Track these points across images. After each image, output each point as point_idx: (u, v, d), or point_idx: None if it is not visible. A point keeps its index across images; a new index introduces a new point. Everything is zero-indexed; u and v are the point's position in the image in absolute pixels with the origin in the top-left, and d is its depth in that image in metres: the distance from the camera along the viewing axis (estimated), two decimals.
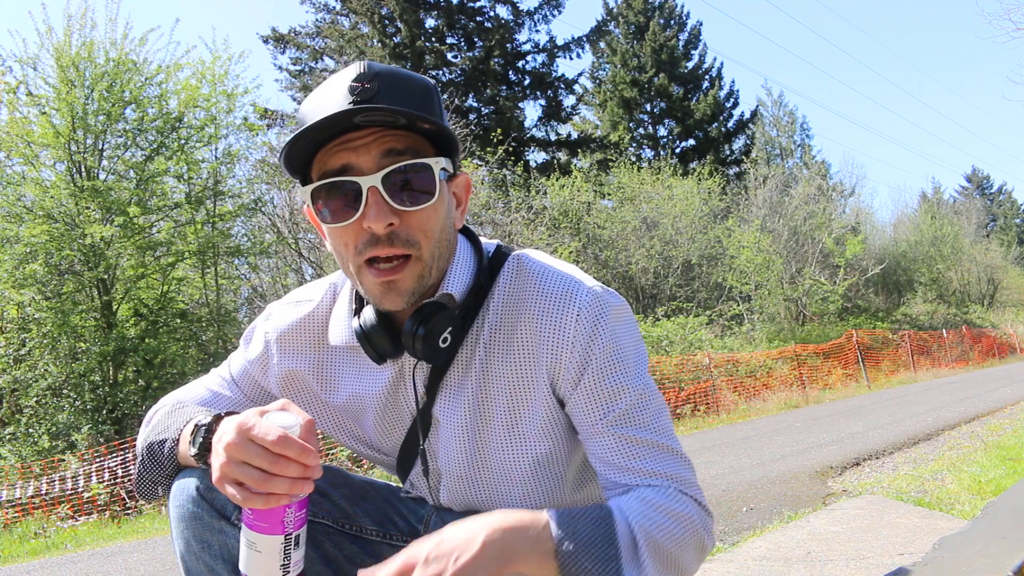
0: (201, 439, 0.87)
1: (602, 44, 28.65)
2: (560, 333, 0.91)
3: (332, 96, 0.86)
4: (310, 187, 0.88)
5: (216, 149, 11.60)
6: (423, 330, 0.89)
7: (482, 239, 1.03)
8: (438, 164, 0.88)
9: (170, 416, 1.00)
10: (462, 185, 0.98)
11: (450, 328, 0.91)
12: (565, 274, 0.95)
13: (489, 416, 0.97)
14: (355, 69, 0.87)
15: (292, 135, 0.84)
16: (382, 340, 0.94)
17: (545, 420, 0.96)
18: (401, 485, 1.14)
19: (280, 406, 0.82)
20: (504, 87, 22.29)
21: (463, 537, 0.76)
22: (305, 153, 0.88)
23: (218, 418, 0.87)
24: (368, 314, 0.95)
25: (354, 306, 1.01)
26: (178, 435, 0.94)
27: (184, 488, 0.93)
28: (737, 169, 27.36)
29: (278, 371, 1.08)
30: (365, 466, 7.26)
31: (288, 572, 0.81)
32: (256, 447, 0.76)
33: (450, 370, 0.97)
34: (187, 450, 0.90)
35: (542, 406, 0.95)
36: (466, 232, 1.03)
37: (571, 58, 26.01)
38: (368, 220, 0.84)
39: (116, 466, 7.72)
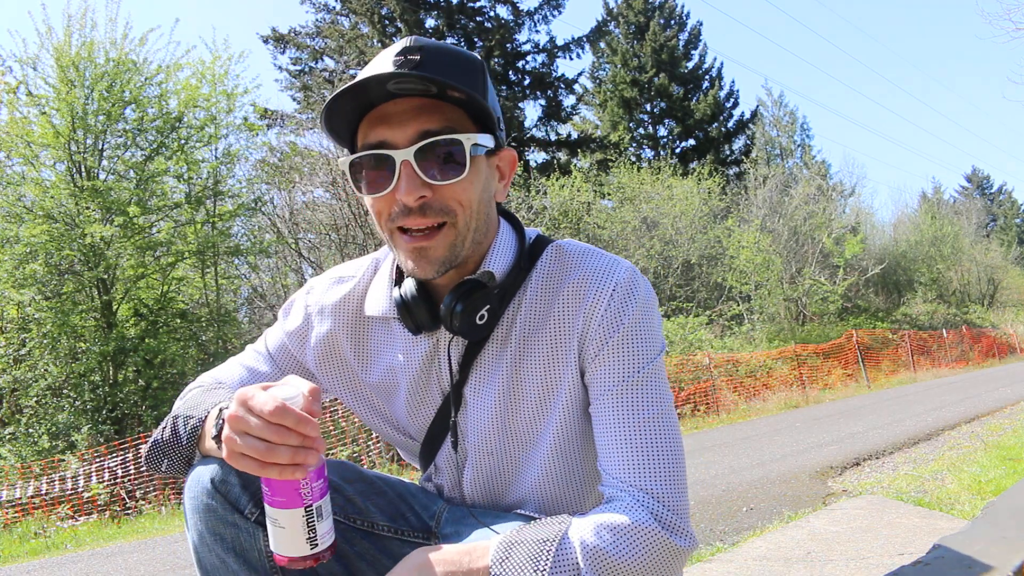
0: (221, 424, 0.87)
1: (602, 44, 28.67)
2: (596, 302, 0.94)
3: (379, 65, 0.89)
4: (348, 158, 0.92)
5: (216, 149, 11.61)
6: (461, 306, 0.92)
7: (526, 227, 1.06)
8: (470, 140, 0.89)
9: (205, 394, 0.99)
10: (507, 160, 1.00)
11: (488, 306, 0.94)
12: (604, 253, 0.99)
13: (521, 393, 0.99)
14: (404, 42, 0.90)
15: (331, 96, 0.86)
16: (421, 311, 0.96)
17: (569, 395, 0.97)
18: (416, 477, 1.14)
19: (284, 380, 0.83)
20: (504, 87, 22.30)
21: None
22: (349, 120, 0.92)
23: None
24: (409, 285, 0.97)
25: (395, 278, 1.04)
26: (205, 416, 0.94)
27: (199, 480, 0.93)
28: (737, 169, 27.38)
29: (316, 344, 1.09)
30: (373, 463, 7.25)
31: (316, 544, 0.81)
32: (255, 418, 0.77)
33: (485, 348, 0.99)
34: (209, 431, 0.91)
35: (569, 378, 0.97)
36: (510, 218, 1.06)
37: (571, 58, 26.03)
38: (400, 193, 0.88)
39: (116, 466, 7.72)
